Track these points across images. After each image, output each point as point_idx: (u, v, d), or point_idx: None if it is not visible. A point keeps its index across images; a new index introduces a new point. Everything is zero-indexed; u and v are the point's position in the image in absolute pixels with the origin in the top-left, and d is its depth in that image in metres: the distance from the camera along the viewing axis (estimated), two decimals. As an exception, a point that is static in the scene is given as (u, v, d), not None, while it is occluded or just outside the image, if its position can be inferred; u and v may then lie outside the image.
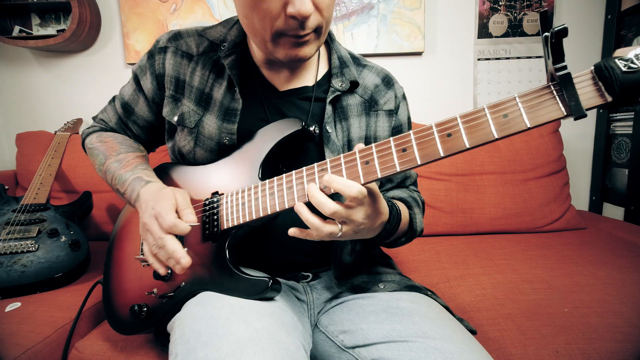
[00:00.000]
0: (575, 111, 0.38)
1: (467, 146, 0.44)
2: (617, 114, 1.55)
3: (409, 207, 0.72)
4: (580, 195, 1.68)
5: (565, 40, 0.37)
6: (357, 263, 0.75)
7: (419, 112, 1.64)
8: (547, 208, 1.33)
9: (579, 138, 1.65)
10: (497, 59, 1.65)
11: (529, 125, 0.41)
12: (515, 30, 1.62)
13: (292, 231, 0.55)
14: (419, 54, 1.67)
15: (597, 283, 0.90)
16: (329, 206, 0.49)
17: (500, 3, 1.62)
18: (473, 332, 0.68)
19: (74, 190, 1.45)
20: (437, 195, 1.36)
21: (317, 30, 0.60)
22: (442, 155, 0.46)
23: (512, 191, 1.34)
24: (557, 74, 0.38)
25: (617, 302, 0.81)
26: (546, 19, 0.40)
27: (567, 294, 0.85)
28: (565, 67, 0.38)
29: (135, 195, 0.67)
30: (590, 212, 1.63)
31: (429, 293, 0.72)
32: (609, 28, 1.55)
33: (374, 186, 0.53)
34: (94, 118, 0.86)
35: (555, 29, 0.37)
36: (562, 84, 0.38)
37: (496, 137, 0.43)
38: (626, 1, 1.49)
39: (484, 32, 1.64)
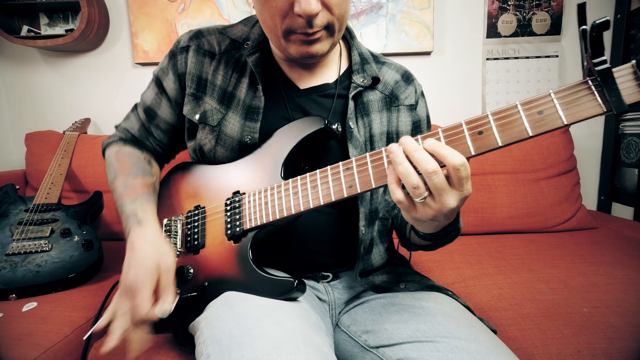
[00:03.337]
0: (617, 107, 0.37)
1: (500, 144, 0.44)
2: (627, 114, 1.55)
3: None
4: (588, 194, 1.68)
5: (573, 40, 0.37)
6: (378, 262, 0.75)
7: (427, 111, 1.64)
8: (559, 208, 1.33)
9: (587, 137, 1.65)
10: (505, 58, 1.65)
11: (565, 122, 0.40)
12: (524, 29, 1.62)
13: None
14: (427, 53, 1.66)
15: (614, 283, 0.90)
16: (431, 164, 0.43)
17: (509, 3, 1.62)
18: (493, 332, 0.68)
19: (84, 190, 1.44)
20: (448, 195, 1.36)
21: (329, 28, 0.61)
22: (472, 153, 0.45)
23: (524, 191, 1.34)
24: (595, 68, 0.38)
25: (635, 301, 0.81)
26: (584, 12, 0.39)
27: (584, 294, 0.85)
28: (605, 62, 0.37)
29: (127, 233, 0.64)
30: (599, 211, 1.63)
31: (450, 293, 0.72)
32: (619, 27, 1.55)
33: None
34: (116, 127, 0.83)
35: (597, 22, 0.36)
36: (602, 79, 0.38)
37: (530, 134, 0.42)
38: (635, 0, 1.49)
39: (492, 31, 1.64)
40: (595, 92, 0.39)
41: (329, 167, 0.54)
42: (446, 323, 0.59)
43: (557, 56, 1.62)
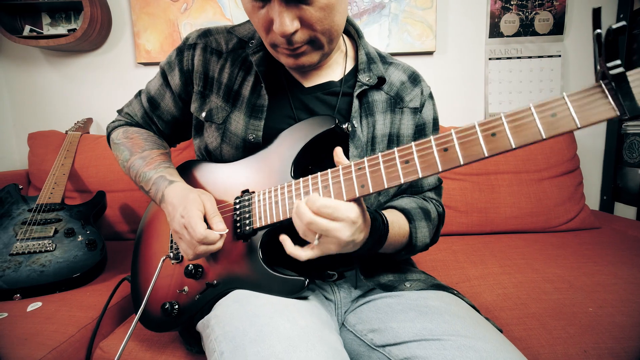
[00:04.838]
0: (631, 110, 0.37)
1: (513, 146, 0.43)
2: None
3: (410, 220, 0.68)
4: (591, 194, 1.68)
5: (575, 40, 0.37)
6: (380, 261, 0.74)
7: (430, 111, 1.64)
8: (562, 207, 1.33)
9: (590, 137, 1.65)
10: (508, 58, 1.65)
11: (579, 125, 0.40)
12: (526, 29, 1.62)
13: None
14: (430, 53, 1.66)
15: (619, 282, 0.89)
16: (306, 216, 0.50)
17: (512, 2, 1.61)
18: (499, 331, 0.68)
19: (87, 190, 1.44)
20: (453, 195, 1.36)
21: (313, 43, 0.61)
22: (486, 155, 0.45)
23: (527, 190, 1.34)
24: (610, 72, 0.38)
25: (641, 301, 0.81)
26: (599, 15, 0.39)
27: (590, 294, 0.85)
28: (619, 65, 0.37)
29: (160, 196, 0.68)
30: (601, 211, 1.62)
31: (455, 292, 0.72)
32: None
33: (362, 203, 0.54)
34: (119, 111, 0.87)
35: (613, 27, 0.36)
36: (616, 83, 0.38)
37: (544, 136, 0.42)
38: (638, 1, 1.49)
39: (495, 31, 1.64)
40: (609, 96, 0.39)
41: (340, 166, 0.54)
42: (453, 321, 0.59)
43: (559, 56, 1.62)
